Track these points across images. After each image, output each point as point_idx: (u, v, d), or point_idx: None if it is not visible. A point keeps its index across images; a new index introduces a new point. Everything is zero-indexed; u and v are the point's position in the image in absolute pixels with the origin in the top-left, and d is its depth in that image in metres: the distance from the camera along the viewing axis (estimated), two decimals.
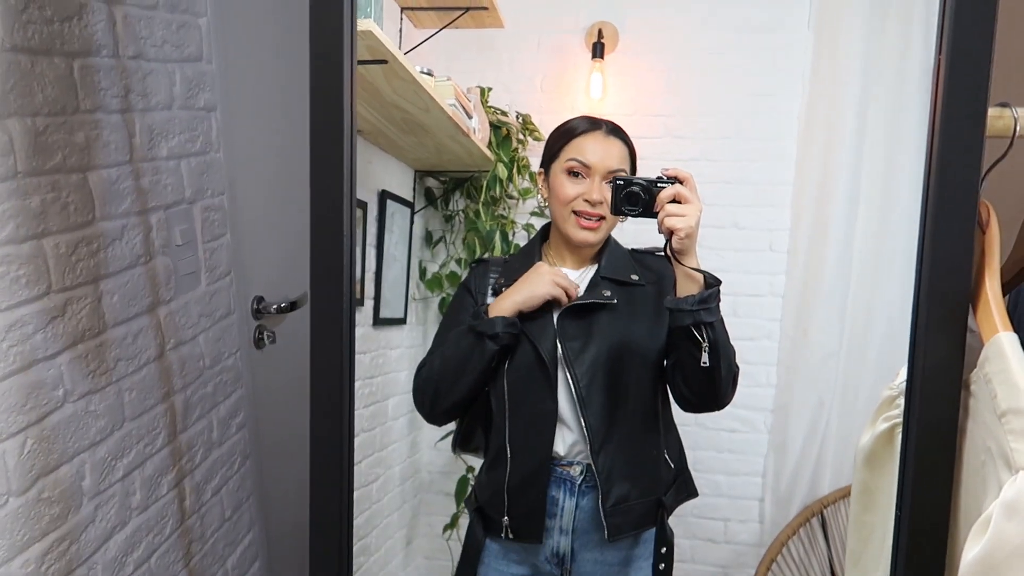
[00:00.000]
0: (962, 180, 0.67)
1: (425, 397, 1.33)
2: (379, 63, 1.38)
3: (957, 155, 0.67)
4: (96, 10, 1.12)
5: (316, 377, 0.85)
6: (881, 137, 2.21)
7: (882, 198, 2.22)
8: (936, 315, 0.64)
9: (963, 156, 0.67)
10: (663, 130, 2.36)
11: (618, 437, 1.27)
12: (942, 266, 0.64)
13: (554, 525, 1.31)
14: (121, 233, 1.19)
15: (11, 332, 0.97)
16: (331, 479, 0.86)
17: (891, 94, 2.19)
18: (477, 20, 2.24)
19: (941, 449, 0.65)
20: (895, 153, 2.20)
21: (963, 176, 0.67)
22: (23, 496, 1.00)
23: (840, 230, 2.25)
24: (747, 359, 2.35)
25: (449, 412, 1.35)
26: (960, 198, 0.65)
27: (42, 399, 1.03)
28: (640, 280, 1.33)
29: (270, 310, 1.56)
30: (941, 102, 0.68)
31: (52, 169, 1.03)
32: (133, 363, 1.23)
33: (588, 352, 1.28)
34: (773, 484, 2.35)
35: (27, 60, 0.98)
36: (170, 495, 1.36)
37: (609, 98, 2.35)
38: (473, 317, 1.33)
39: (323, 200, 0.81)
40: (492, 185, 2.28)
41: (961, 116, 0.68)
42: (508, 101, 2.37)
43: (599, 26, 2.32)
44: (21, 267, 0.98)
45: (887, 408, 0.86)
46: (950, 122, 0.68)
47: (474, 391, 1.32)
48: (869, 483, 0.89)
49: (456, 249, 2.42)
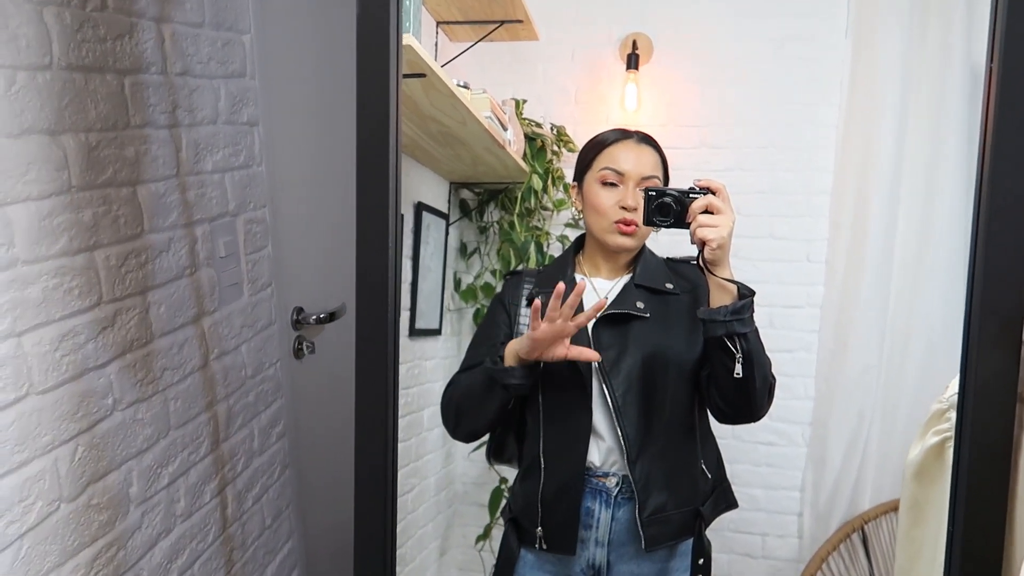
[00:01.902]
0: (1015, 190, 0.66)
1: (448, 418, 1.37)
2: (418, 77, 1.40)
3: (1010, 165, 0.66)
4: (146, 28, 1.15)
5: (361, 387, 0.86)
6: (921, 146, 2.17)
7: (923, 208, 2.18)
8: (990, 328, 0.63)
9: (1016, 167, 0.66)
10: (698, 140, 2.35)
11: (654, 447, 1.27)
12: (995, 278, 0.63)
13: (589, 536, 1.30)
14: (168, 245, 1.22)
15: (64, 342, 0.99)
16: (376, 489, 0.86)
17: (931, 101, 2.16)
18: (512, 33, 2.25)
19: (996, 463, 0.64)
20: (935, 162, 2.16)
21: (1016, 186, 0.66)
22: (74, 502, 1.02)
23: (879, 240, 2.21)
24: (785, 371, 2.33)
25: (472, 435, 1.39)
26: (1014, 209, 0.64)
27: (92, 407, 1.05)
28: (675, 289, 1.33)
29: (309, 321, 1.58)
30: (993, 111, 0.67)
31: (104, 183, 1.06)
32: (178, 372, 1.26)
33: (624, 362, 1.27)
34: (812, 499, 2.31)
35: (81, 78, 1.01)
36: (213, 503, 1.38)
37: (644, 109, 2.34)
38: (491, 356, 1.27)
39: (369, 209, 0.82)
40: (527, 196, 2.28)
41: (1014, 125, 0.67)
42: (543, 113, 2.38)
43: (633, 37, 2.32)
44: (74, 279, 1.01)
45: (937, 422, 0.85)
46: (1002, 131, 0.67)
47: (495, 423, 1.35)
48: (919, 497, 0.87)
49: (491, 260, 2.43)
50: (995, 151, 0.66)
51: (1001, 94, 0.66)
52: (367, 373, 0.90)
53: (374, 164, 0.86)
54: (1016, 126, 0.66)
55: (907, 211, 2.19)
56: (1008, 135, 0.65)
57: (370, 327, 0.89)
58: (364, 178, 0.87)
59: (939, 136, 2.15)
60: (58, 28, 0.96)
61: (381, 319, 0.87)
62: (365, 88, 0.84)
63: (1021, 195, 0.65)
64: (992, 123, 0.66)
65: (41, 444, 0.96)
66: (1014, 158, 0.65)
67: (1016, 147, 0.65)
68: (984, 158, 0.67)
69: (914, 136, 2.18)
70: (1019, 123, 0.65)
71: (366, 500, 0.95)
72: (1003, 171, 0.65)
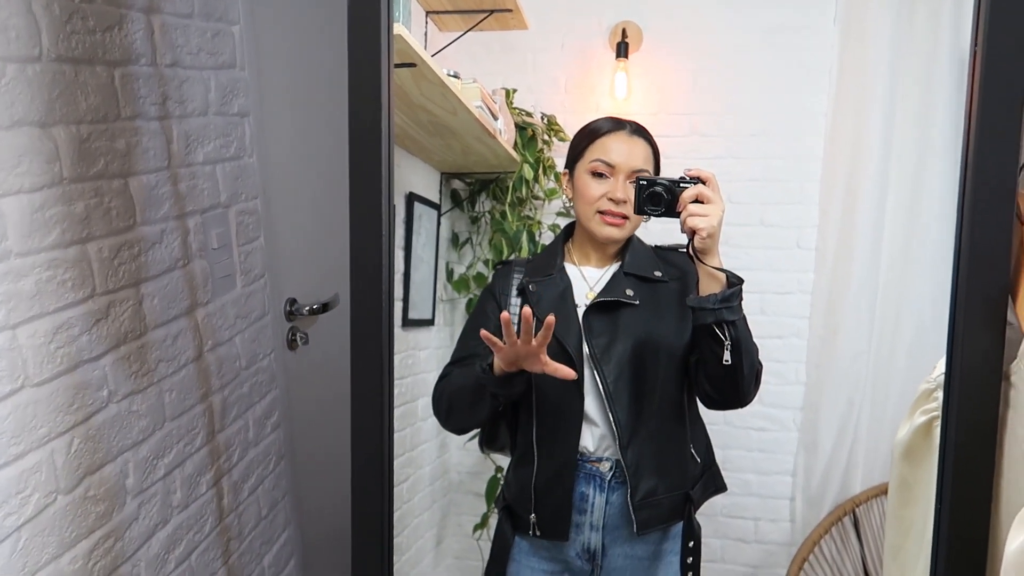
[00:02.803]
0: (999, 173, 0.67)
1: (440, 412, 1.37)
2: (408, 66, 1.40)
3: (994, 148, 0.67)
4: (135, 20, 1.15)
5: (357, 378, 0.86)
6: (910, 133, 2.19)
7: (911, 194, 2.20)
8: (975, 309, 0.64)
9: (1000, 149, 0.67)
10: (688, 129, 2.36)
11: (645, 432, 1.28)
12: (981, 260, 0.64)
13: (584, 521, 1.31)
14: (160, 237, 1.22)
15: (58, 334, 1.00)
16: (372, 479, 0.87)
17: (920, 89, 2.17)
18: (501, 22, 2.25)
19: (982, 441, 0.65)
20: (924, 149, 2.18)
21: (1000, 169, 0.67)
22: (71, 494, 1.03)
23: (868, 227, 2.23)
24: (776, 357, 2.35)
25: (462, 431, 1.40)
26: (998, 191, 0.65)
27: (88, 399, 1.05)
28: (664, 276, 1.34)
29: (303, 312, 1.58)
30: (977, 95, 0.68)
31: (95, 175, 1.06)
32: (173, 364, 1.26)
33: (615, 348, 1.28)
34: (804, 483, 2.34)
35: (71, 69, 1.01)
36: (209, 494, 1.38)
37: (634, 97, 2.35)
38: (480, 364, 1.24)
39: (362, 200, 0.83)
40: (518, 186, 2.29)
41: (997, 109, 0.68)
42: (533, 102, 2.37)
43: (623, 26, 2.32)
44: (67, 271, 1.01)
45: (925, 401, 0.86)
46: (986, 115, 0.68)
47: (485, 422, 1.36)
48: (908, 477, 0.89)
49: (483, 250, 2.43)
50: (979, 135, 0.67)
51: (984, 78, 0.67)
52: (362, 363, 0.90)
53: (367, 154, 0.86)
54: (999, 111, 0.67)
55: (896, 198, 2.21)
56: (991, 120, 0.66)
57: (365, 317, 0.89)
58: (357, 168, 0.87)
59: (927, 124, 2.17)
60: (47, 19, 0.96)
61: (375, 309, 0.87)
62: (357, 78, 0.84)
63: (1004, 178, 0.66)
64: (976, 108, 0.67)
65: (37, 436, 0.96)
66: (997, 140, 0.66)
67: (999, 131, 0.66)
68: (968, 142, 0.68)
69: (902, 124, 2.19)
70: (1002, 108, 0.66)
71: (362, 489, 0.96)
72: (986, 154, 0.66)
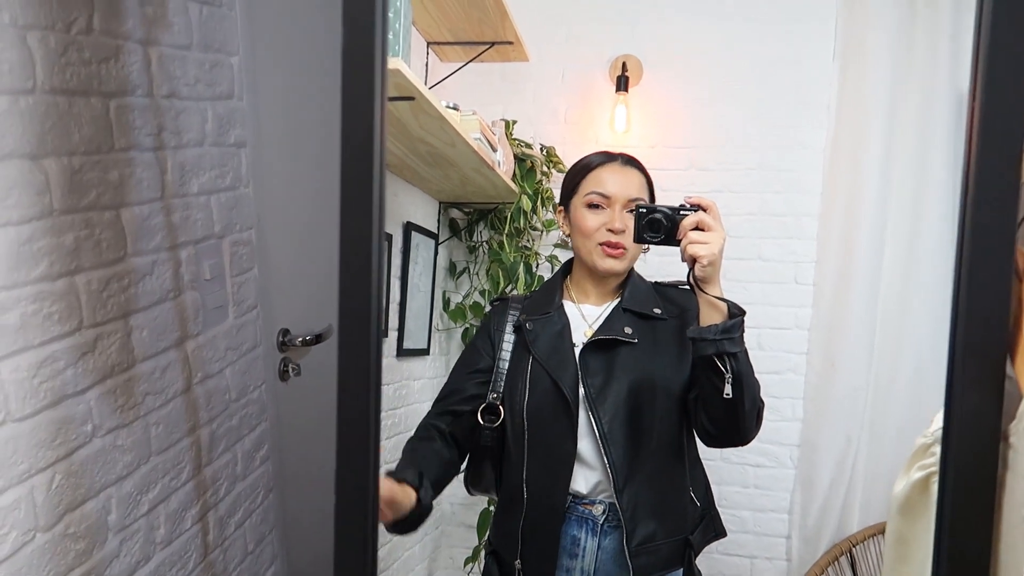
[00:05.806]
0: (997, 228, 0.65)
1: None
2: (406, 100, 1.40)
3: (992, 202, 0.66)
4: (132, 51, 1.14)
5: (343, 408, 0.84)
6: (908, 170, 2.19)
7: (910, 230, 2.20)
8: (972, 369, 0.62)
9: (998, 204, 0.66)
10: (687, 162, 2.36)
11: (642, 474, 1.25)
12: (977, 319, 0.63)
13: (575, 566, 1.28)
14: (151, 268, 1.20)
15: (42, 368, 0.98)
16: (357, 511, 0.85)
17: (918, 124, 2.18)
18: (502, 54, 2.26)
19: (979, 503, 0.63)
20: (922, 186, 2.18)
21: (998, 224, 0.65)
22: (50, 532, 1.00)
23: (867, 263, 2.22)
24: (773, 393, 2.33)
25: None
26: (995, 247, 0.64)
27: (71, 434, 1.03)
28: (663, 314, 1.32)
29: (295, 343, 1.57)
30: (976, 145, 0.67)
31: (86, 207, 1.05)
32: (160, 397, 1.24)
33: (611, 388, 1.26)
34: (800, 521, 2.31)
35: (65, 101, 1.00)
36: (194, 529, 1.36)
37: (633, 130, 2.35)
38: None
39: (352, 237, 0.81)
40: (516, 217, 2.29)
41: (996, 160, 0.67)
42: (532, 133, 2.38)
43: (623, 59, 2.33)
44: (54, 304, 0.99)
45: (922, 456, 0.84)
46: (984, 167, 0.67)
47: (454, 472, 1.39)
48: (904, 533, 0.87)
49: (480, 280, 2.43)
50: (977, 186, 0.66)
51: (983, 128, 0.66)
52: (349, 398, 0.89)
53: (357, 188, 0.85)
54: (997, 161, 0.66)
55: (894, 233, 2.21)
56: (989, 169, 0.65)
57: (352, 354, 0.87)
58: (348, 203, 0.86)
59: (925, 159, 2.17)
60: (42, 52, 0.95)
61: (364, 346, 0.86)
62: (350, 113, 0.83)
63: (1003, 232, 0.65)
64: (974, 157, 0.66)
65: (17, 472, 0.94)
66: (995, 193, 0.65)
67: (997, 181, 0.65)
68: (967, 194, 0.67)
69: (900, 159, 2.20)
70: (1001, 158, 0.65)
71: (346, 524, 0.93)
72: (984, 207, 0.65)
